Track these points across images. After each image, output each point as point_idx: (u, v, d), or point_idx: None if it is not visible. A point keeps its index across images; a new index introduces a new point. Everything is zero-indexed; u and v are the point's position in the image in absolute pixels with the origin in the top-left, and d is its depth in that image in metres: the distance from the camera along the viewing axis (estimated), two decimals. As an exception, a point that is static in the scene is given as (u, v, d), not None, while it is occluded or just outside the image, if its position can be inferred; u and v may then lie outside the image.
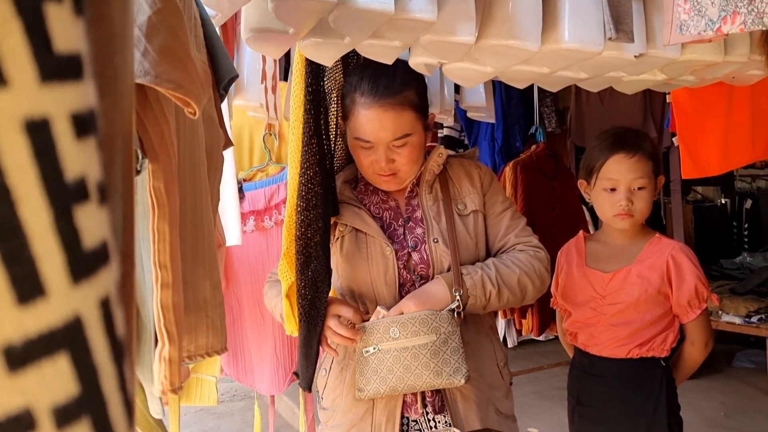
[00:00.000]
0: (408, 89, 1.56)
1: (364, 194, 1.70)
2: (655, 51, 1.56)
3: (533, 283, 1.60)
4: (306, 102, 1.57)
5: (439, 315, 1.50)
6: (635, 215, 1.88)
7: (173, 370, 0.77)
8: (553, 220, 3.53)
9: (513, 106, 4.05)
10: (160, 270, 0.75)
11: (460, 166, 1.72)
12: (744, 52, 1.67)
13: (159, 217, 0.75)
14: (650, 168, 1.87)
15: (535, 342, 5.46)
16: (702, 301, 1.86)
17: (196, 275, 0.89)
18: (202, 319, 0.89)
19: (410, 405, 1.61)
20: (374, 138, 1.55)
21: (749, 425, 3.85)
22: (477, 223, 1.66)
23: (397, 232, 1.64)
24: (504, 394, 1.68)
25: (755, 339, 4.78)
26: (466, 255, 1.62)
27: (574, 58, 1.54)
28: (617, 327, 1.89)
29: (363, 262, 1.61)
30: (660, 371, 1.88)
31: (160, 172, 0.75)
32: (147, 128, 0.74)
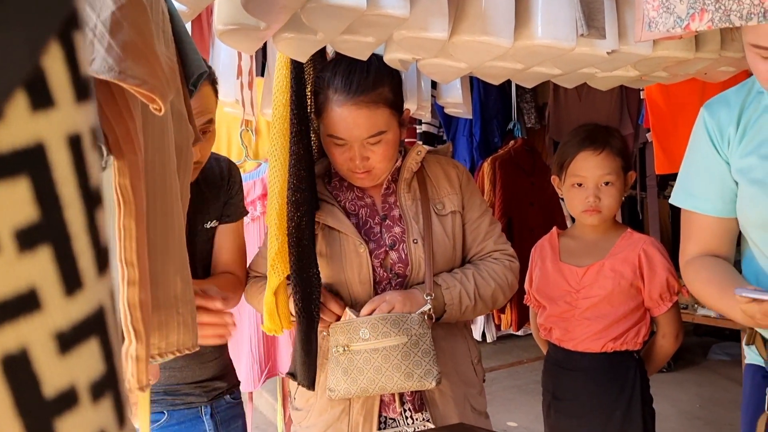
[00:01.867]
0: (382, 86, 1.55)
1: (339, 190, 1.68)
2: (627, 47, 1.58)
3: (504, 295, 1.67)
4: (292, 97, 1.57)
5: (409, 317, 1.49)
6: (603, 211, 1.90)
7: (141, 368, 0.76)
8: (532, 215, 3.56)
9: (491, 102, 4.06)
10: (126, 267, 0.75)
11: (438, 164, 1.71)
12: (715, 49, 1.69)
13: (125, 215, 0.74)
14: (618, 164, 1.89)
15: (515, 337, 5.49)
16: (673, 294, 1.89)
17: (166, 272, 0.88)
18: (173, 316, 0.88)
19: (388, 404, 1.60)
20: (348, 136, 1.54)
21: (724, 416, 3.91)
22: (455, 223, 1.65)
23: (374, 229, 1.63)
24: (478, 391, 1.69)
25: (730, 332, 4.85)
26: (443, 256, 1.62)
27: (547, 54, 1.54)
28: (591, 321, 1.91)
29: (336, 261, 1.60)
30: (633, 364, 1.91)
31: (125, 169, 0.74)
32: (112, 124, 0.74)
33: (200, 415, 1.61)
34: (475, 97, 3.85)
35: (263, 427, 4.03)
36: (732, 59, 1.78)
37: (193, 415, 1.60)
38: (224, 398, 1.66)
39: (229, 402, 1.67)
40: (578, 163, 1.90)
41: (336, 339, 1.53)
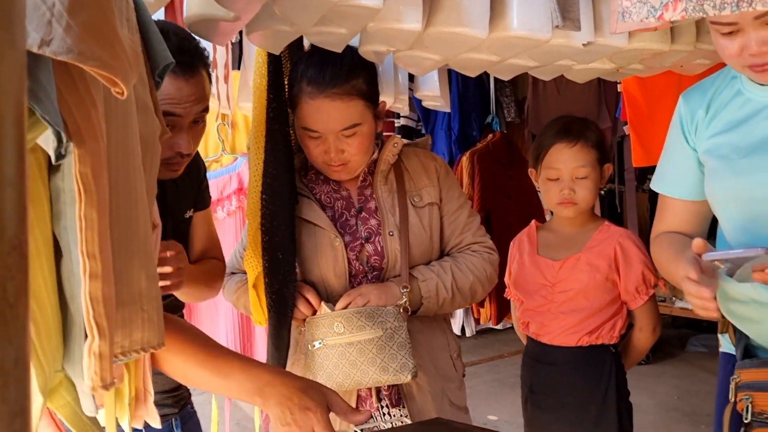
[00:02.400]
0: (356, 77, 1.53)
1: (315, 183, 1.66)
2: (602, 39, 1.57)
3: (483, 288, 1.65)
4: (269, 87, 1.55)
5: (384, 310, 1.48)
6: (579, 203, 1.90)
7: (104, 365, 0.73)
8: (510, 209, 3.56)
9: (470, 96, 4.06)
10: (88, 260, 0.72)
11: (416, 157, 1.69)
12: (690, 41, 1.69)
13: (86, 204, 0.72)
14: (593, 157, 1.89)
15: (494, 330, 5.51)
16: (649, 288, 1.89)
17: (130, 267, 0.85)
18: (137, 313, 0.85)
19: (365, 399, 1.59)
20: (322, 128, 1.52)
21: (701, 407, 3.95)
22: (432, 216, 1.64)
23: (349, 222, 1.62)
24: (457, 386, 1.67)
25: (708, 324, 4.89)
26: (419, 248, 1.60)
27: (523, 46, 1.54)
28: (567, 315, 1.91)
29: (312, 254, 1.58)
30: (609, 358, 1.91)
31: (87, 157, 0.71)
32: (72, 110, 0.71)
33: (172, 428, 1.55)
34: (453, 90, 3.84)
35: (243, 423, 4.01)
36: (707, 51, 1.78)
37: (166, 429, 1.52)
38: (188, 407, 1.61)
39: (190, 411, 1.63)
40: (552, 156, 1.90)
41: (311, 333, 1.51)
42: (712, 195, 1.41)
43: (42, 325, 0.71)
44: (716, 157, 1.38)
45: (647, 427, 3.65)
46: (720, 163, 1.37)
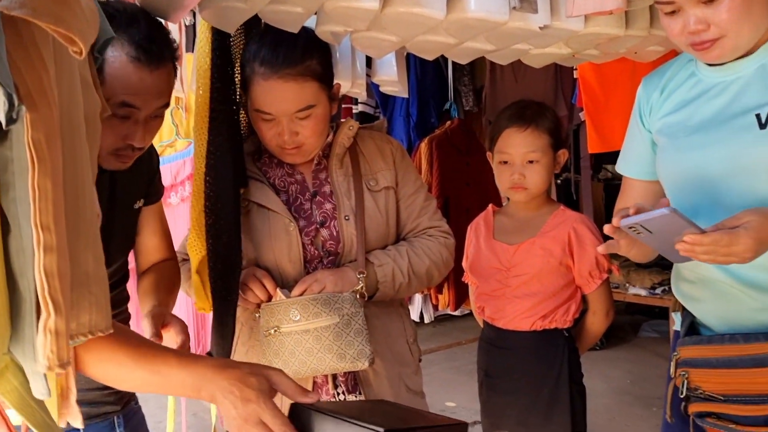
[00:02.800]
0: (310, 58, 1.50)
1: (268, 167, 1.63)
2: (559, 23, 1.57)
3: (439, 272, 1.65)
4: (213, 66, 1.50)
5: (341, 296, 1.46)
6: (529, 188, 1.91)
7: (61, 343, 0.70)
8: (468, 195, 3.58)
9: (428, 82, 4.06)
10: (42, 232, 0.68)
11: (371, 140, 1.67)
12: (644, 26, 1.71)
13: (39, 173, 0.67)
14: (545, 142, 1.90)
15: (453, 318, 5.55)
16: (603, 272, 1.91)
17: (77, 246, 0.81)
18: (85, 296, 0.81)
19: (321, 386, 1.57)
20: (275, 110, 1.49)
21: (653, 391, 4.04)
22: (389, 200, 1.62)
23: (304, 206, 1.59)
24: (413, 371, 1.67)
25: (659, 310, 5.01)
26: (375, 233, 1.59)
27: (480, 28, 1.53)
28: (521, 299, 1.92)
29: (266, 239, 1.55)
30: (563, 342, 1.93)
31: (39, 123, 0.67)
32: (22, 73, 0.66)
33: (114, 427, 1.50)
34: (411, 77, 3.84)
35: (201, 414, 3.96)
36: (661, 38, 1.80)
37: (107, 428, 1.48)
38: (131, 404, 1.56)
39: (134, 408, 1.57)
40: (504, 140, 1.91)
41: (266, 321, 1.49)
42: (659, 172, 1.44)
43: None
44: (665, 136, 1.41)
45: (601, 411, 3.72)
46: (668, 142, 1.40)
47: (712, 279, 1.34)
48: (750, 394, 1.24)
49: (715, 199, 1.28)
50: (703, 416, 1.31)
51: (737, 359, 1.24)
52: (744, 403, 1.24)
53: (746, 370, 1.23)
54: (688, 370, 1.32)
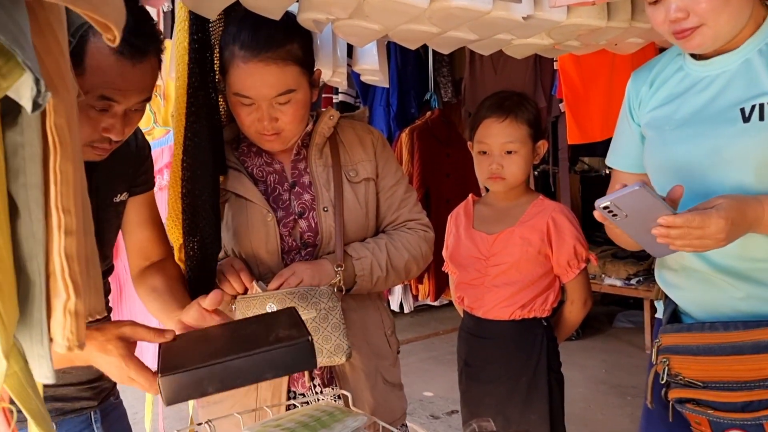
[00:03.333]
0: (291, 42, 1.47)
1: (247, 156, 1.60)
2: (542, 13, 1.58)
3: (418, 266, 1.63)
4: (191, 52, 1.47)
5: (318, 290, 1.43)
6: (507, 178, 1.92)
7: (80, 324, 0.70)
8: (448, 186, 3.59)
9: (408, 73, 4.06)
10: (63, 215, 0.68)
11: (352, 130, 1.65)
12: (626, 18, 1.72)
13: (62, 157, 0.67)
14: (524, 133, 1.91)
15: (432, 308, 5.57)
16: (581, 261, 1.93)
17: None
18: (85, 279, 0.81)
19: (297, 379, 1.56)
20: (255, 94, 1.45)
21: (628, 380, 4.10)
22: (368, 191, 1.60)
23: (282, 197, 1.57)
24: (391, 363, 1.66)
25: (634, 300, 5.08)
26: (355, 224, 1.57)
27: (464, 17, 1.53)
28: (500, 288, 1.93)
29: (243, 230, 1.53)
30: (541, 331, 1.95)
31: (61, 107, 0.67)
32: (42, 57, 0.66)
33: (91, 422, 1.46)
34: (392, 66, 3.83)
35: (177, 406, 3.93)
36: (641, 30, 1.82)
37: (83, 424, 1.45)
38: (110, 399, 1.52)
39: (113, 403, 1.54)
40: (483, 130, 1.92)
41: (242, 314, 1.45)
42: (646, 165, 1.46)
43: (4, 285, 0.66)
44: (653, 129, 1.42)
45: (577, 400, 3.76)
46: (655, 134, 1.41)
47: (693, 268, 1.37)
48: (728, 380, 1.26)
49: (700, 191, 1.29)
50: (682, 402, 1.34)
51: (717, 347, 1.27)
52: (722, 389, 1.27)
53: (725, 357, 1.26)
54: (670, 357, 1.34)
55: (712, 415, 1.28)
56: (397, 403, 1.65)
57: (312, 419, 1.19)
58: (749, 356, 1.23)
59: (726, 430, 1.27)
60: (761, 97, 1.26)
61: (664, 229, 1.17)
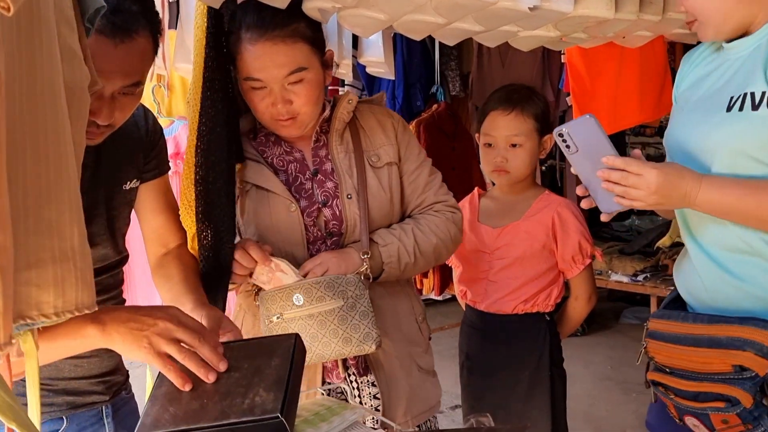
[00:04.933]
0: (298, 21, 1.43)
1: (265, 146, 1.57)
2: (548, 4, 1.55)
3: (447, 249, 1.59)
4: (208, 39, 1.45)
5: (345, 279, 1.41)
6: (512, 172, 1.91)
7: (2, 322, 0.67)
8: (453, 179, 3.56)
9: (414, 65, 4.04)
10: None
11: (372, 114, 1.60)
12: (633, 10, 1.69)
13: None
14: (530, 126, 1.89)
15: (435, 303, 5.55)
16: (585, 257, 1.91)
17: (61, 221, 0.79)
18: (71, 271, 0.78)
19: (331, 370, 1.54)
20: (265, 76, 1.42)
21: (633, 376, 4.07)
22: (392, 176, 1.56)
23: (305, 186, 1.53)
24: (424, 350, 1.63)
25: (641, 297, 5.05)
26: (379, 211, 1.53)
27: (469, 7, 1.51)
28: (504, 282, 1.92)
29: (266, 222, 1.50)
30: (544, 326, 1.94)
31: None
32: None
33: (102, 417, 1.43)
34: (398, 59, 3.81)
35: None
36: (649, 23, 1.79)
37: (95, 418, 1.42)
38: (122, 393, 1.50)
39: (125, 398, 1.51)
40: (488, 123, 1.91)
41: (268, 308, 1.43)
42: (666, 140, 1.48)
43: None
44: (676, 107, 1.45)
45: (582, 396, 3.74)
46: (673, 113, 1.45)
47: (690, 255, 1.39)
48: (686, 370, 1.30)
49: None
50: (656, 384, 1.39)
51: (682, 336, 1.30)
52: (682, 377, 1.31)
53: (686, 347, 1.29)
54: (648, 341, 1.39)
55: (674, 400, 1.33)
56: (432, 390, 1.63)
57: (311, 413, 1.19)
58: (704, 350, 1.26)
59: (685, 416, 1.32)
60: (751, 86, 1.24)
61: (607, 170, 1.23)
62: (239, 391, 1.02)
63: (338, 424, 1.16)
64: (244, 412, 0.98)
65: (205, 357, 1.07)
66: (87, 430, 1.41)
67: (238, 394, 1.02)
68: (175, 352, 1.05)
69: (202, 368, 1.05)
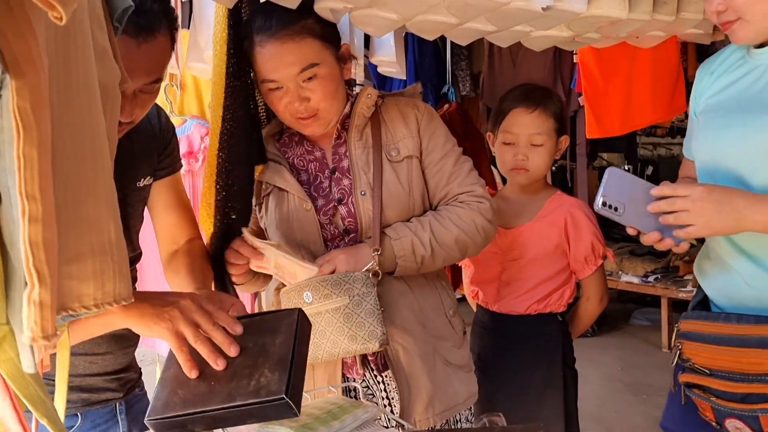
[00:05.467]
0: (306, 18, 1.44)
1: (288, 146, 1.59)
2: (561, 4, 1.55)
3: (474, 241, 1.52)
4: (229, 41, 1.47)
5: (351, 276, 1.41)
6: (531, 170, 1.90)
7: (45, 314, 0.68)
8: (463, 180, 3.57)
9: (426, 65, 4.03)
10: (27, 201, 0.66)
11: (395, 107, 1.58)
12: (647, 10, 1.69)
13: (25, 142, 0.66)
14: (551, 126, 1.89)
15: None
16: (598, 258, 1.91)
17: (99, 215, 0.81)
18: (109, 264, 0.81)
19: (350, 366, 1.55)
20: (278, 76, 1.43)
21: (643, 378, 4.06)
22: (411, 170, 1.53)
23: (323, 184, 1.54)
24: (454, 344, 1.60)
25: (651, 298, 5.03)
26: (397, 207, 1.51)
27: (482, 7, 1.51)
28: (516, 283, 1.92)
29: (285, 221, 1.52)
30: (556, 326, 1.93)
31: (25, 90, 0.66)
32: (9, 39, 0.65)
33: (116, 413, 1.44)
34: (409, 59, 3.81)
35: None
36: (663, 23, 1.79)
37: (108, 414, 1.43)
38: (135, 390, 1.51)
39: (138, 395, 1.52)
40: (510, 120, 1.90)
41: (285, 304, 1.45)
42: (692, 151, 1.46)
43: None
44: (705, 114, 1.43)
45: (591, 397, 3.73)
46: (703, 120, 1.42)
47: (721, 255, 1.37)
48: (732, 371, 1.28)
49: (724, 182, 1.29)
50: (690, 387, 1.36)
51: (727, 337, 1.28)
52: (726, 379, 1.29)
53: (732, 348, 1.28)
54: (683, 342, 1.37)
55: (715, 402, 1.31)
56: (461, 385, 1.59)
57: (323, 411, 1.19)
58: (754, 350, 1.25)
59: (726, 418, 1.30)
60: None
61: (655, 202, 1.22)
62: (245, 372, 1.05)
63: (351, 423, 1.17)
64: (250, 394, 1.01)
65: (218, 341, 1.10)
66: (101, 426, 1.42)
67: (244, 375, 1.05)
68: (190, 335, 1.09)
69: (212, 354, 1.09)
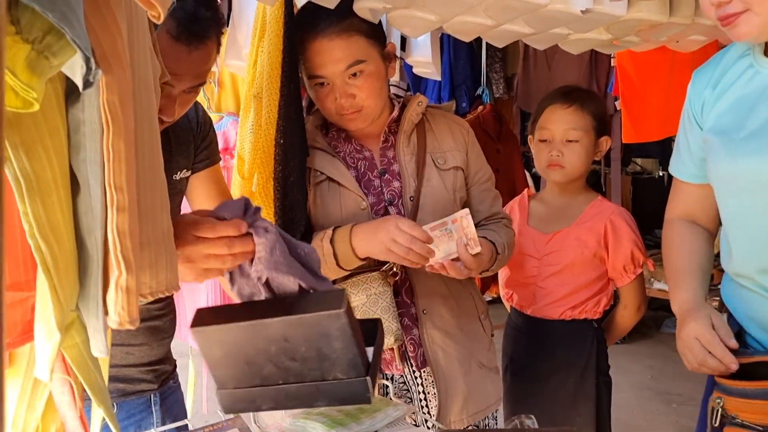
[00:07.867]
0: (352, 16, 1.47)
1: (337, 141, 1.61)
2: (601, 7, 1.54)
3: (511, 255, 1.65)
4: (284, 40, 1.50)
5: (369, 276, 1.46)
6: (566, 167, 1.88)
7: (132, 300, 0.71)
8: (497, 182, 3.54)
9: (460, 66, 4.02)
10: (116, 192, 0.69)
11: (443, 119, 1.65)
12: (689, 14, 1.67)
13: (114, 134, 0.69)
14: (587, 123, 1.86)
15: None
16: (637, 266, 1.88)
17: (154, 206, 0.83)
18: (162, 254, 0.83)
19: (390, 362, 1.57)
20: (325, 72, 1.46)
21: (673, 388, 4.00)
22: (457, 180, 1.60)
23: (373, 183, 1.57)
24: (486, 347, 1.67)
25: (684, 307, 4.93)
26: (443, 212, 1.53)
27: (520, 9, 1.51)
28: (552, 288, 1.90)
29: (336, 214, 1.54)
30: (591, 333, 1.91)
31: (114, 85, 0.68)
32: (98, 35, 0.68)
33: (150, 405, 1.45)
34: (445, 60, 3.80)
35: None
36: (704, 27, 1.76)
37: (143, 405, 1.44)
38: (169, 382, 1.52)
39: (172, 387, 1.53)
40: (546, 116, 1.89)
41: None
42: (709, 175, 1.36)
43: (61, 260, 0.68)
44: (718, 135, 1.31)
45: (621, 405, 3.69)
46: (720, 142, 1.30)
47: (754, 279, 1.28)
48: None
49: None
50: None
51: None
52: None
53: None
54: (723, 398, 1.24)
55: None
56: (492, 387, 1.66)
57: (354, 407, 1.20)
58: None
59: None
60: None
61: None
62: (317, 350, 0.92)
63: (381, 420, 1.18)
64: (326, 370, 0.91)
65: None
66: (135, 416, 1.43)
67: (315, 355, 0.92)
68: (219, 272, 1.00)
69: None
